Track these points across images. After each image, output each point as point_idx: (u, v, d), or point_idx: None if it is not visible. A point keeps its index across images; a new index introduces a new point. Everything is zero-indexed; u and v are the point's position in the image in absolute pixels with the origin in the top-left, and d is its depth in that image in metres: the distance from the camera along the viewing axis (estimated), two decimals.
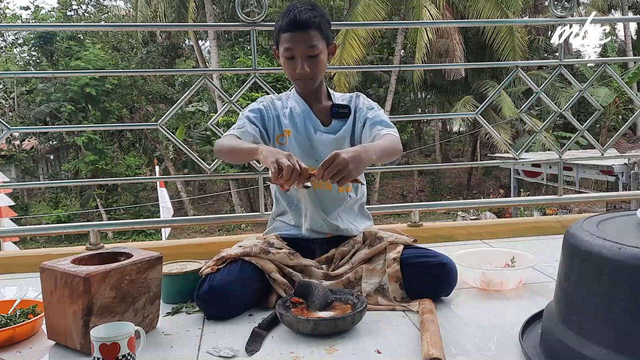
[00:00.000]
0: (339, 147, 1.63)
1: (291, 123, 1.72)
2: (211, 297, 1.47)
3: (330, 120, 1.73)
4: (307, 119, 1.72)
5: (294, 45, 1.61)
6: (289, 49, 1.62)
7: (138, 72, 10.75)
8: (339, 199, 1.72)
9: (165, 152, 16.15)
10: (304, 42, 1.60)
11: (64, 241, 13.43)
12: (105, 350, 1.07)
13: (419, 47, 13.75)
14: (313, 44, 1.61)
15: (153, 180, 12.96)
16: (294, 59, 1.63)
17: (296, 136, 1.71)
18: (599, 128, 15.67)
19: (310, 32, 1.60)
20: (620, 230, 1.08)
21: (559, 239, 1.18)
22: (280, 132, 1.72)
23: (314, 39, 1.61)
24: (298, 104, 1.75)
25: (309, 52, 1.62)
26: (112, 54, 16.91)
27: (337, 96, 1.79)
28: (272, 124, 1.73)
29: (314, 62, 1.64)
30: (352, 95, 1.80)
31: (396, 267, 1.53)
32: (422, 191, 18.01)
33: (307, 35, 1.60)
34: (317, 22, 1.61)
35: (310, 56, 1.62)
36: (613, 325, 0.97)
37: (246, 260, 1.55)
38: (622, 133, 2.82)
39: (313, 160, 1.64)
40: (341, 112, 1.74)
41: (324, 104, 1.76)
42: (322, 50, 1.64)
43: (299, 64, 1.63)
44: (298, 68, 1.63)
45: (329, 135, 1.71)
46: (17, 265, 2.10)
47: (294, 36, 1.60)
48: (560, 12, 2.36)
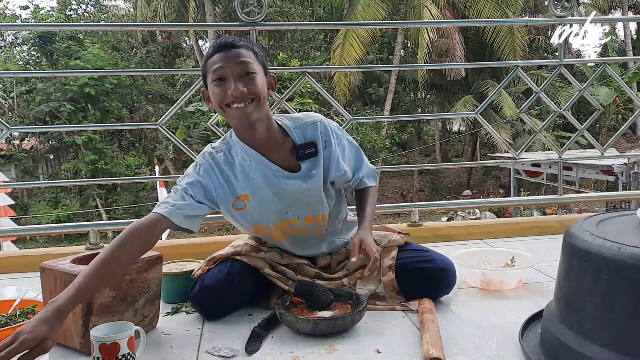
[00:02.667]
0: (313, 196, 1.48)
1: (247, 184, 1.44)
2: (203, 297, 1.47)
3: (294, 164, 1.46)
4: (266, 172, 1.44)
5: (224, 64, 1.35)
6: (219, 69, 1.35)
7: (138, 72, 10.77)
8: (318, 236, 1.60)
9: (165, 152, 16.14)
10: (234, 59, 1.35)
11: (64, 241, 13.41)
12: (105, 350, 1.07)
13: (421, 47, 13.77)
14: (245, 60, 1.36)
15: (153, 180, 12.94)
16: (225, 81, 1.35)
17: (257, 197, 1.46)
18: (599, 128, 15.68)
19: (241, 50, 1.37)
20: (620, 230, 1.08)
21: (559, 239, 1.18)
22: (235, 197, 1.46)
23: (247, 56, 1.37)
24: (247, 155, 1.44)
25: (243, 69, 1.35)
26: (112, 54, 16.91)
27: (292, 127, 1.48)
28: (221, 192, 1.44)
29: (250, 81, 1.35)
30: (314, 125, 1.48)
31: (392, 276, 1.52)
32: (422, 191, 18.00)
33: (238, 53, 1.36)
34: (250, 46, 1.40)
35: (245, 75, 1.35)
36: (613, 325, 0.97)
37: (237, 259, 1.54)
38: (622, 133, 2.82)
39: (283, 215, 1.49)
40: (308, 153, 1.47)
41: (279, 143, 1.46)
42: (259, 72, 1.38)
43: (232, 83, 1.34)
44: (231, 89, 1.33)
45: (299, 184, 1.45)
46: (17, 265, 2.10)
47: (223, 56, 1.36)
48: (561, 12, 2.36)
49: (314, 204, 1.51)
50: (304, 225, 1.54)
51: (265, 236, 1.58)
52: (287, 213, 1.50)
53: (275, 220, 1.51)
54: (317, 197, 1.50)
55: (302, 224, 1.53)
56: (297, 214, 1.51)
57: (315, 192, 1.48)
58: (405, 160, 18.39)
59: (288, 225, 1.53)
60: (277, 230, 1.54)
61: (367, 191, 1.62)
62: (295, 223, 1.53)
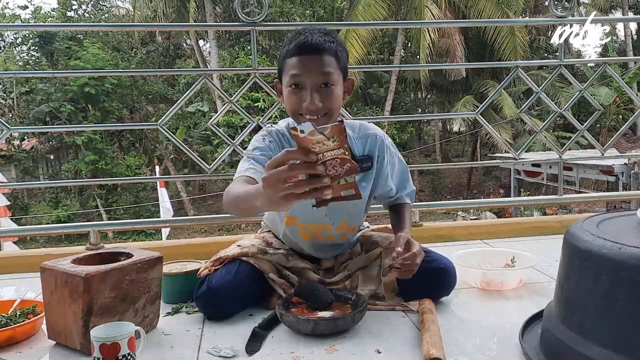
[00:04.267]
0: (356, 207, 1.50)
1: None
2: (210, 297, 1.46)
3: None
4: None
5: (303, 71, 1.30)
6: (297, 75, 1.31)
7: (138, 72, 10.75)
8: (339, 243, 1.62)
9: (165, 152, 16.15)
10: (315, 68, 1.30)
11: (64, 241, 13.42)
12: (106, 350, 1.07)
13: (422, 47, 13.77)
14: (328, 70, 1.31)
15: (153, 180, 12.96)
16: (302, 90, 1.32)
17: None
18: (599, 128, 15.67)
19: (325, 56, 1.31)
20: (620, 230, 1.08)
21: (559, 239, 1.18)
22: None
23: (330, 65, 1.32)
24: None
25: (322, 79, 1.31)
26: (112, 54, 16.91)
27: (353, 137, 1.48)
28: None
29: (327, 94, 1.32)
30: (375, 137, 1.48)
31: (392, 277, 1.52)
32: (422, 191, 17.99)
33: (321, 60, 1.31)
34: (334, 48, 1.34)
35: (323, 86, 1.32)
36: (613, 325, 0.97)
37: (244, 260, 1.54)
38: (622, 133, 2.82)
39: (322, 217, 1.51)
40: (364, 167, 1.47)
41: None
42: (338, 82, 1.35)
43: (308, 95, 1.31)
44: (306, 101, 1.31)
45: None
46: (17, 265, 2.10)
47: (305, 60, 1.31)
48: (561, 12, 2.36)
49: (353, 214, 1.54)
50: (334, 232, 1.56)
51: (294, 228, 1.57)
52: (325, 216, 1.52)
53: (312, 219, 1.52)
54: (360, 208, 1.53)
55: (334, 230, 1.55)
56: (333, 219, 1.53)
57: (360, 204, 1.50)
58: (405, 160, 18.34)
59: (322, 229, 1.54)
60: (310, 230, 1.55)
61: (405, 206, 1.64)
62: (329, 228, 1.55)
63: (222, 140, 11.10)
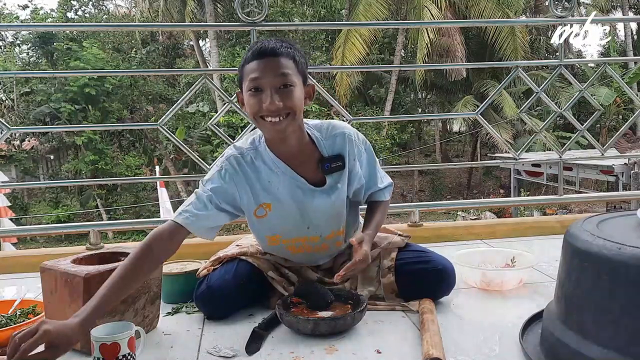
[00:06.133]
0: (336, 209, 1.49)
1: (270, 194, 1.43)
2: (210, 297, 1.47)
3: (319, 176, 1.45)
4: (292, 184, 1.43)
5: (261, 74, 1.31)
6: (255, 79, 1.31)
7: (138, 72, 10.78)
8: (335, 250, 1.62)
9: (165, 152, 16.14)
10: (274, 70, 1.31)
11: (64, 241, 13.42)
12: (106, 350, 1.07)
13: (420, 47, 13.76)
14: (286, 72, 1.31)
15: (153, 180, 12.95)
16: (261, 92, 1.31)
17: (280, 207, 1.44)
18: (599, 128, 15.67)
19: (282, 59, 1.32)
20: (620, 230, 1.08)
21: (559, 239, 1.18)
22: (256, 205, 1.44)
23: (287, 67, 1.32)
24: (275, 165, 1.42)
25: (281, 81, 1.31)
26: (113, 55, 16.91)
27: (320, 138, 1.46)
28: (245, 197, 1.43)
29: (287, 94, 1.31)
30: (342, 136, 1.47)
31: (391, 278, 1.52)
32: (422, 191, 18.00)
33: (279, 62, 1.31)
34: (291, 53, 1.34)
35: (282, 87, 1.31)
36: (613, 325, 0.97)
37: (243, 259, 1.55)
38: (622, 133, 2.82)
39: (304, 230, 1.49)
40: (335, 167, 1.45)
41: (307, 154, 1.44)
42: (297, 84, 1.34)
43: (267, 96, 1.30)
44: (266, 102, 1.30)
45: (324, 197, 1.45)
46: (17, 265, 2.10)
47: (262, 63, 1.31)
48: (561, 12, 2.36)
49: (335, 217, 1.52)
50: (324, 241, 1.54)
51: (280, 247, 1.55)
52: (308, 228, 1.49)
53: (295, 234, 1.51)
54: (340, 210, 1.51)
55: (323, 240, 1.54)
56: (319, 231, 1.51)
57: (339, 205, 1.48)
58: (405, 160, 18.39)
59: (308, 242, 1.53)
60: (296, 244, 1.53)
61: (379, 204, 1.62)
62: (316, 239, 1.53)
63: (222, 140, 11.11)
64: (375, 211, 1.59)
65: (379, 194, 1.62)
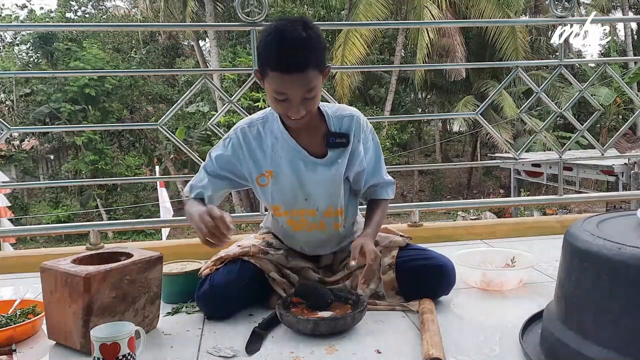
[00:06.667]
0: (335, 185, 1.51)
1: (273, 162, 1.49)
2: (212, 297, 1.47)
3: (323, 149, 1.50)
4: (293, 154, 1.49)
5: (287, 90, 1.33)
6: (281, 92, 1.34)
7: (138, 72, 10.77)
8: (334, 235, 1.62)
9: (165, 152, 16.14)
10: (299, 87, 1.32)
11: (64, 241, 13.42)
12: (106, 350, 1.07)
13: (420, 47, 13.75)
14: (311, 86, 1.34)
15: (153, 180, 12.95)
16: (287, 101, 1.35)
17: (280, 176, 1.50)
18: (599, 128, 15.67)
19: (307, 73, 1.31)
20: (620, 230, 1.08)
21: (559, 239, 1.18)
22: (260, 173, 1.52)
23: (312, 80, 1.33)
24: (281, 135, 1.49)
25: (306, 95, 1.34)
26: (113, 55, 16.90)
27: (331, 114, 1.51)
28: (247, 165, 1.51)
29: (310, 102, 1.37)
30: (351, 117, 1.52)
31: (392, 275, 1.52)
32: (422, 191, 18.00)
33: (304, 78, 1.31)
34: (314, 57, 1.32)
35: (307, 98, 1.36)
36: (613, 325, 0.97)
37: (245, 260, 1.55)
38: (622, 133, 2.82)
39: (302, 201, 1.53)
40: (338, 142, 1.50)
41: (314, 128, 1.49)
42: (318, 85, 1.37)
43: (293, 107, 1.35)
44: (292, 112, 1.36)
45: (323, 170, 1.49)
46: (16, 265, 2.10)
47: (287, 80, 1.31)
48: (561, 12, 2.36)
49: (333, 193, 1.54)
50: (323, 218, 1.56)
51: (282, 220, 1.58)
52: (306, 200, 1.53)
53: (294, 205, 1.54)
54: (337, 186, 1.53)
55: (322, 216, 1.55)
56: (316, 204, 1.54)
57: (337, 180, 1.51)
58: (405, 160, 18.38)
59: (306, 215, 1.55)
60: (295, 217, 1.56)
61: (379, 203, 1.63)
62: (314, 213, 1.55)
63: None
64: (376, 210, 1.61)
65: (382, 191, 1.63)
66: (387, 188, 1.64)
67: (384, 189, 1.63)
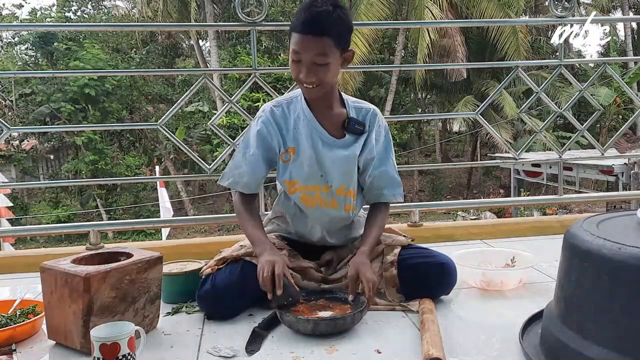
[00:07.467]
0: (349, 165, 1.57)
1: (295, 138, 1.58)
2: (214, 297, 1.46)
3: (341, 132, 1.59)
4: (313, 132, 1.57)
5: (301, 50, 1.44)
6: (296, 52, 1.45)
7: (138, 72, 10.76)
8: (344, 217, 1.64)
9: (165, 152, 16.14)
10: (312, 50, 1.43)
11: (64, 241, 13.41)
12: (106, 350, 1.07)
13: (421, 47, 13.75)
14: (323, 52, 1.43)
15: (153, 180, 12.95)
16: (300, 63, 1.46)
17: (300, 152, 1.57)
18: (599, 128, 15.67)
19: (323, 39, 1.42)
20: (620, 230, 1.08)
21: (559, 239, 1.18)
22: (284, 149, 1.59)
23: (325, 47, 1.43)
24: (304, 114, 1.58)
25: (316, 60, 1.44)
26: (112, 55, 16.90)
27: (351, 103, 1.63)
28: (276, 142, 1.59)
29: (320, 70, 1.46)
30: (368, 110, 1.63)
31: (393, 272, 1.53)
32: (422, 191, 18.00)
33: (318, 42, 1.42)
34: (334, 29, 1.43)
35: (317, 64, 1.45)
36: (613, 325, 0.97)
37: (247, 260, 1.55)
38: (622, 133, 2.82)
39: (318, 177, 1.58)
40: (356, 128, 1.59)
41: (335, 112, 1.60)
42: (333, 60, 1.46)
43: (304, 70, 1.45)
44: (302, 74, 1.46)
45: (339, 150, 1.57)
46: (16, 265, 2.10)
47: (304, 40, 1.42)
48: (561, 12, 2.36)
49: (347, 172, 1.58)
50: (336, 196, 1.59)
51: (297, 197, 1.60)
52: (321, 176, 1.57)
53: (310, 180, 1.58)
54: (352, 166, 1.59)
55: (335, 194, 1.58)
56: (331, 181, 1.58)
57: (351, 161, 1.58)
58: (405, 160, 18.39)
59: (320, 192, 1.58)
60: (310, 193, 1.59)
61: (381, 210, 1.65)
62: (328, 190, 1.58)
63: (222, 140, 11.11)
64: (376, 218, 1.62)
65: (383, 193, 1.63)
66: (394, 190, 1.64)
67: (389, 190, 1.64)
